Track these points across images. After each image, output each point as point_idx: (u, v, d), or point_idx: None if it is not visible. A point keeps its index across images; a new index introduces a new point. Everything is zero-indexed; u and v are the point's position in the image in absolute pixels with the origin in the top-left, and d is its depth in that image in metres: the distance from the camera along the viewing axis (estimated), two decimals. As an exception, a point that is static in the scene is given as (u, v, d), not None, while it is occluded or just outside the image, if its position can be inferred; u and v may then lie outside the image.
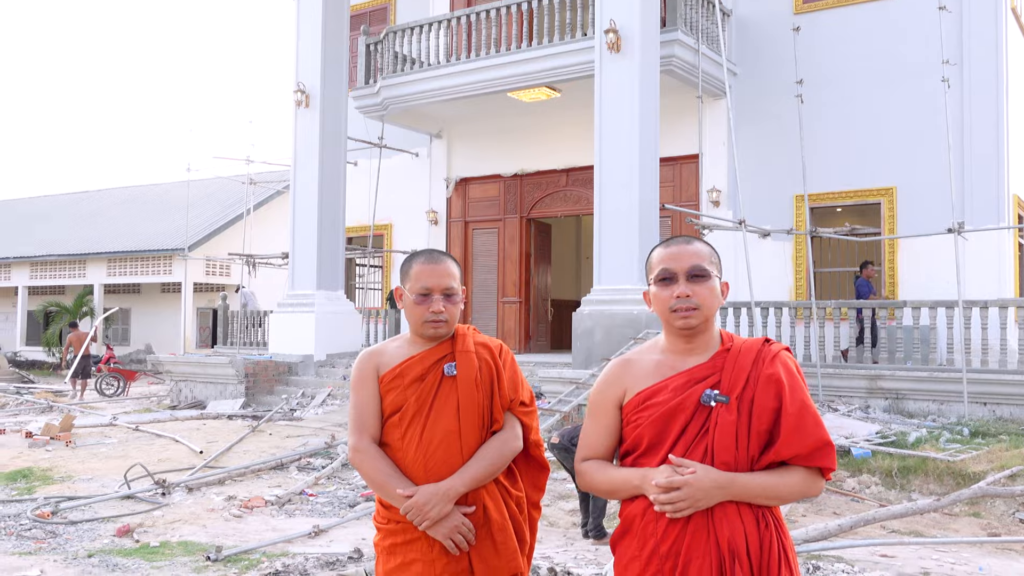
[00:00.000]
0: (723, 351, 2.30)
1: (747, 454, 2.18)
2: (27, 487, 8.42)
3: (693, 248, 2.33)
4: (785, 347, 2.33)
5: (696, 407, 2.22)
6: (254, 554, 5.97)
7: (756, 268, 12.90)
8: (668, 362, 2.33)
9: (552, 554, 6.15)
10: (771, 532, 2.17)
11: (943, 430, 9.75)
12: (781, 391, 2.20)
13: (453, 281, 2.74)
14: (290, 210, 15.72)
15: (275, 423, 12.21)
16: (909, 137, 13.19)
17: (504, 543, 2.64)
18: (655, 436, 2.25)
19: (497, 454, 2.68)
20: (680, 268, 2.29)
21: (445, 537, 2.58)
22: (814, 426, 2.18)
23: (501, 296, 17.32)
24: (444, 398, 2.69)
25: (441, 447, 2.65)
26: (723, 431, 2.18)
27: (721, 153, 14.38)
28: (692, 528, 2.16)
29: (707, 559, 2.14)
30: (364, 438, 2.70)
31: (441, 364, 2.72)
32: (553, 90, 14.85)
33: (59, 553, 6.11)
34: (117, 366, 20.48)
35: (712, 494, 2.14)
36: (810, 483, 2.21)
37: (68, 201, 36.68)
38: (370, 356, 2.78)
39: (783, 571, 2.14)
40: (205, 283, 28.04)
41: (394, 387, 2.70)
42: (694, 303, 2.26)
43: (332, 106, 15.46)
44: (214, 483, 8.57)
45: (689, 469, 2.15)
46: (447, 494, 2.58)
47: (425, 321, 2.70)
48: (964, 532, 7.16)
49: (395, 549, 2.67)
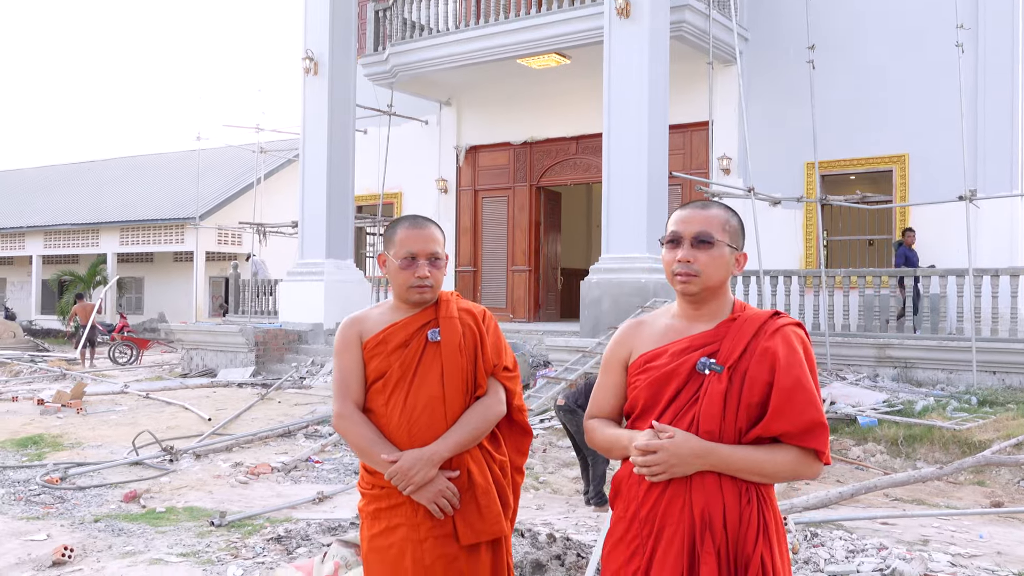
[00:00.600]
0: (729, 320, 2.27)
1: (734, 426, 2.15)
2: (37, 453, 8.51)
3: (706, 213, 2.28)
4: (795, 322, 2.27)
5: (690, 374, 2.21)
6: (258, 519, 6.03)
7: (766, 236, 12.82)
8: (676, 327, 2.32)
9: (553, 520, 6.18)
10: (752, 507, 2.13)
11: (951, 399, 9.71)
12: (775, 364, 2.15)
13: (438, 246, 2.74)
14: (299, 178, 15.71)
15: (284, 391, 12.28)
16: (922, 104, 13.02)
17: (488, 507, 2.66)
18: (649, 399, 2.25)
19: (481, 419, 2.70)
20: (687, 232, 2.26)
21: (429, 501, 2.59)
22: (806, 404, 2.12)
23: (511, 265, 17.30)
24: (428, 364, 2.70)
25: (425, 413, 2.66)
26: (711, 400, 2.16)
27: (732, 120, 14.24)
28: (669, 495, 2.16)
29: (680, 526, 2.13)
30: (348, 404, 2.71)
31: (425, 330, 2.73)
32: (563, 57, 14.71)
33: (66, 518, 6.19)
34: (131, 334, 20.65)
35: (689, 462, 2.12)
36: (803, 464, 2.15)
37: (79, 170, 36.78)
38: (353, 322, 2.79)
39: (759, 547, 2.10)
40: (217, 252, 28.14)
41: (377, 353, 2.71)
42: (694, 269, 2.23)
43: (341, 73, 15.38)
44: (221, 450, 8.65)
45: (668, 434, 2.14)
46: (431, 459, 2.60)
47: (410, 287, 2.70)
48: (968, 500, 7.15)
49: (379, 514, 2.68)
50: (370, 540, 2.69)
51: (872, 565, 4.63)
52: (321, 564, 4.56)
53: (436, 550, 2.60)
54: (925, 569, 4.59)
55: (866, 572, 4.55)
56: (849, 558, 4.79)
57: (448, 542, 2.62)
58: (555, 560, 4.83)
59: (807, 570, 4.67)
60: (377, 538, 2.67)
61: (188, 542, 5.46)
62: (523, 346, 12.18)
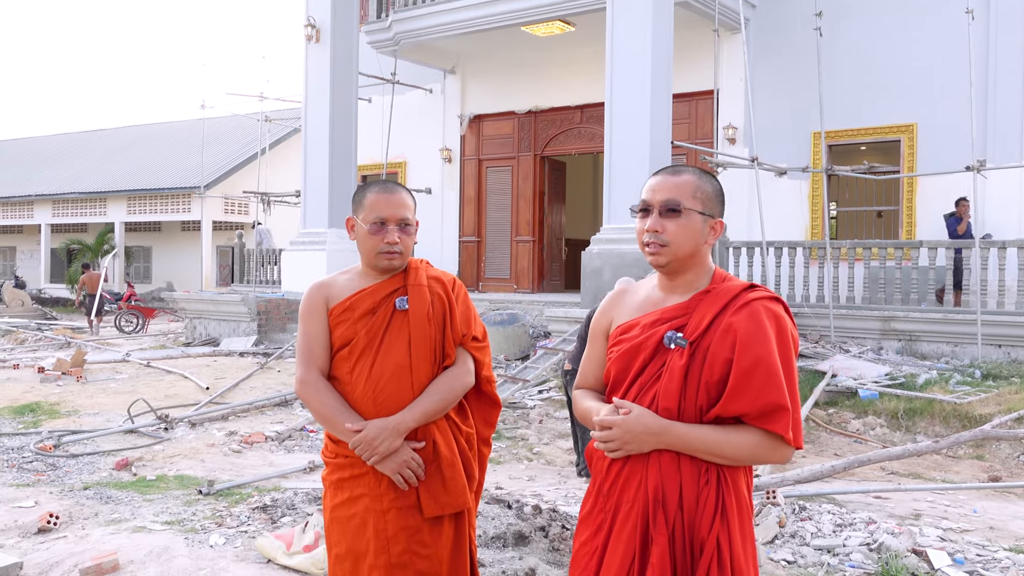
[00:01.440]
0: (703, 292, 2.15)
1: (695, 404, 2.06)
2: (33, 421, 8.53)
3: (676, 180, 2.16)
4: (771, 296, 2.14)
5: (657, 347, 2.12)
6: (246, 488, 6.01)
7: (771, 207, 12.68)
8: (654, 298, 2.23)
9: (543, 491, 6.15)
10: (711, 488, 2.04)
11: (954, 372, 9.61)
12: (736, 341, 2.04)
13: (408, 212, 2.68)
14: (302, 147, 15.60)
15: (284, 360, 12.27)
16: (931, 72, 12.79)
17: (453, 479, 2.61)
18: (620, 372, 2.18)
19: (448, 389, 2.64)
20: (655, 200, 2.16)
21: (394, 472, 2.54)
22: (766, 385, 2.00)
23: (515, 235, 17.19)
24: (395, 332, 2.64)
25: (391, 382, 2.60)
26: (671, 376, 2.07)
27: (738, 89, 14.03)
28: (627, 471, 2.10)
29: (635, 504, 2.07)
30: (312, 371, 2.65)
31: (393, 298, 2.66)
32: (567, 24, 14.51)
33: (56, 485, 6.19)
34: (138, 303, 20.69)
35: (643, 439, 2.05)
36: (766, 448, 2.04)
37: (87, 139, 36.75)
38: (319, 288, 2.72)
39: (715, 528, 2.02)
40: (224, 221, 28.13)
41: (343, 320, 2.65)
42: (662, 240, 2.13)
43: (343, 41, 15.22)
44: (217, 419, 8.65)
45: (624, 410, 2.06)
46: (396, 428, 2.54)
47: (379, 252, 2.63)
48: (965, 475, 7.08)
49: (342, 484, 2.63)
50: (332, 510, 2.64)
51: (859, 539, 4.57)
52: (302, 533, 4.54)
53: (399, 521, 2.56)
54: (914, 544, 4.53)
55: (853, 546, 4.49)
56: (837, 532, 4.73)
57: (411, 514, 2.57)
58: (539, 531, 4.80)
59: (793, 544, 4.62)
60: (339, 508, 2.62)
61: (174, 510, 5.44)
62: (523, 317, 12.13)
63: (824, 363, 10.08)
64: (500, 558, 4.28)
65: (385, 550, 2.54)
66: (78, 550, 4.57)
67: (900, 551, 4.34)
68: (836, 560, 4.36)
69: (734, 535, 2.04)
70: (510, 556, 4.34)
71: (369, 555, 2.55)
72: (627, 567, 2.05)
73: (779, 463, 2.17)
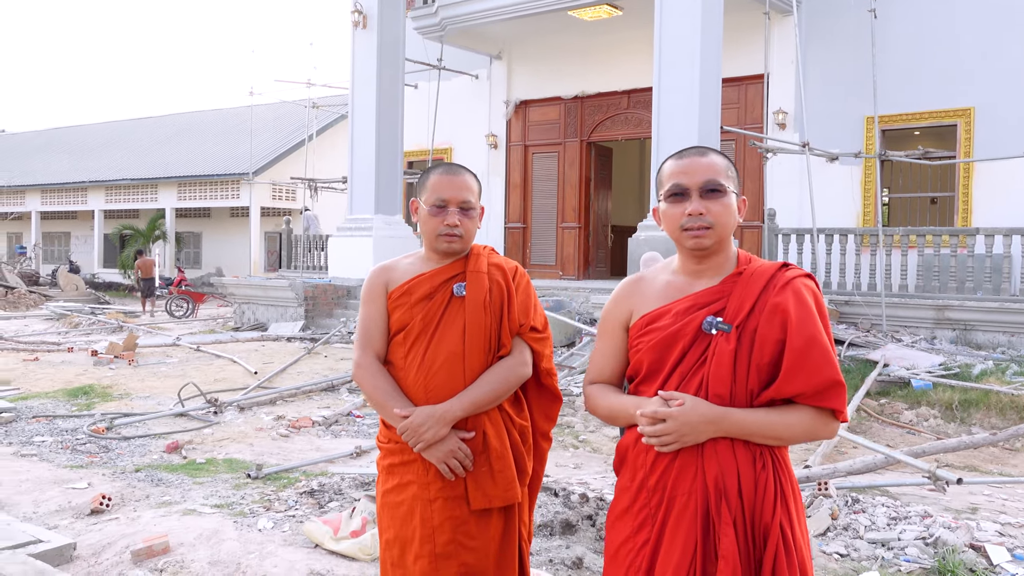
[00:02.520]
0: (735, 275, 2.11)
1: (745, 388, 2.01)
2: (87, 403, 8.68)
3: (708, 160, 2.12)
4: (806, 273, 2.11)
5: (696, 334, 2.06)
6: (294, 472, 6.05)
7: (822, 193, 12.45)
8: (678, 284, 2.17)
9: (589, 480, 6.10)
10: (768, 472, 2.00)
11: (1011, 363, 9.37)
12: (787, 321, 2.00)
13: (471, 195, 2.63)
14: (348, 133, 15.67)
15: (331, 345, 12.36)
16: (989, 54, 12.43)
17: (502, 471, 2.55)
18: (654, 362, 2.11)
19: (501, 379, 2.58)
20: (693, 183, 2.10)
21: (440, 461, 2.50)
22: (822, 363, 1.98)
23: (560, 222, 17.12)
24: (451, 319, 2.60)
25: (443, 369, 2.56)
26: (720, 361, 2.02)
27: (788, 73, 13.78)
28: (680, 463, 2.03)
29: (692, 496, 2.01)
30: (368, 354, 2.63)
31: (451, 283, 2.62)
32: (615, 8, 14.37)
33: (108, 467, 6.28)
34: (188, 288, 21.05)
35: (701, 429, 1.99)
36: (819, 425, 2.02)
37: (138, 127, 37.35)
38: (381, 271, 2.70)
39: (778, 513, 1.98)
40: (272, 207, 28.41)
41: (401, 304, 2.62)
42: (707, 221, 2.07)
43: (390, 26, 15.23)
44: (265, 403, 8.73)
45: (677, 401, 2.00)
46: (444, 417, 2.50)
47: (439, 235, 2.59)
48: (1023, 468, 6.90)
49: (393, 470, 2.61)
50: (383, 495, 2.63)
51: (914, 533, 4.46)
52: (349, 519, 4.55)
53: (445, 511, 2.52)
54: (971, 538, 4.41)
55: (908, 540, 4.38)
56: (891, 525, 4.62)
57: (458, 504, 2.53)
58: (586, 520, 4.76)
59: (846, 536, 4.52)
60: (389, 493, 2.60)
61: (223, 493, 5.49)
62: (569, 304, 12.07)
63: (876, 352, 9.89)
64: (547, 546, 4.26)
65: (430, 539, 2.51)
66: (130, 532, 4.63)
67: (957, 546, 4.23)
68: (891, 554, 4.26)
69: (793, 519, 2.02)
70: (557, 544, 4.32)
71: (415, 543, 2.52)
72: (688, 561, 1.99)
73: (829, 438, 2.14)
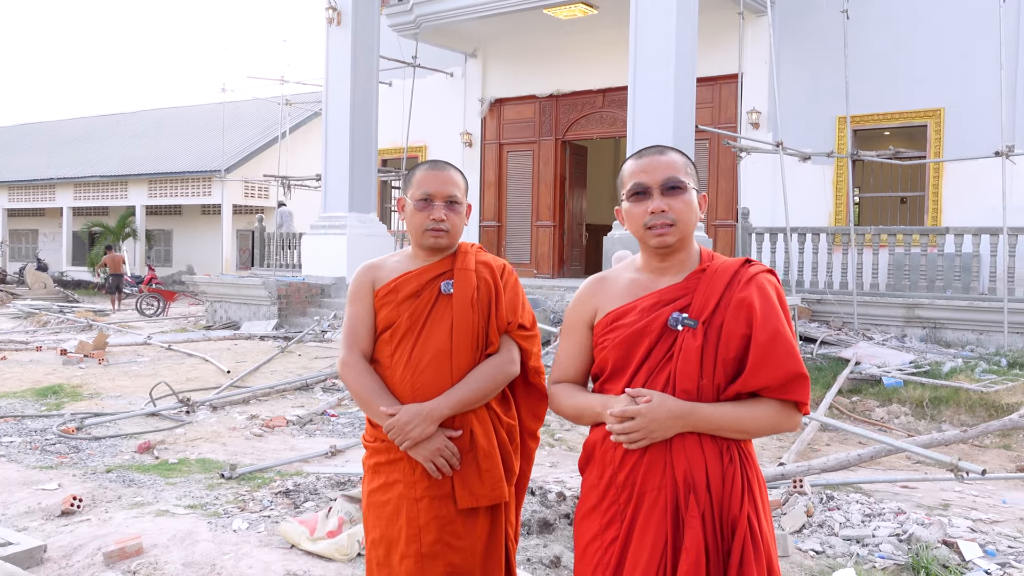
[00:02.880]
0: (698, 271, 2.14)
1: (712, 383, 2.04)
2: (56, 403, 8.56)
3: (667, 159, 2.15)
4: (767, 269, 2.15)
5: (662, 330, 2.08)
6: (268, 472, 6.00)
7: (795, 193, 12.54)
8: (641, 281, 2.19)
9: (566, 478, 6.10)
10: (735, 466, 2.04)
11: (980, 360, 9.50)
12: (752, 316, 2.03)
13: (456, 190, 2.62)
14: (322, 131, 15.58)
15: (305, 344, 12.28)
16: (959, 56, 12.58)
17: (489, 470, 2.54)
18: (619, 360, 2.13)
19: (489, 377, 2.57)
20: (654, 181, 2.13)
21: (426, 459, 2.49)
22: (786, 356, 2.01)
23: (535, 220, 17.12)
24: (438, 317, 2.58)
25: (430, 367, 2.55)
26: (687, 357, 2.04)
27: (762, 73, 13.87)
28: (648, 459, 2.05)
29: (662, 492, 2.02)
30: (354, 353, 2.61)
31: (438, 281, 2.61)
32: (590, 7, 14.38)
33: (79, 468, 6.20)
34: (159, 286, 20.83)
35: (668, 425, 2.01)
36: (783, 417, 2.06)
37: (106, 123, 36.92)
38: (368, 269, 2.68)
39: (745, 506, 2.01)
40: (244, 205, 28.20)
41: (388, 302, 2.61)
42: (670, 218, 2.10)
43: (364, 24, 15.16)
44: (238, 402, 8.65)
45: (644, 398, 2.02)
46: (430, 415, 2.48)
47: (425, 230, 2.58)
48: (993, 464, 6.99)
49: (379, 468, 2.59)
50: (369, 495, 2.61)
51: (889, 530, 4.50)
52: (326, 519, 4.52)
53: (431, 511, 2.51)
54: (944, 534, 4.46)
55: (882, 537, 4.42)
56: (865, 522, 4.66)
57: (445, 503, 2.52)
58: (564, 519, 4.76)
59: (821, 533, 4.55)
60: (375, 493, 2.58)
61: (197, 494, 5.44)
62: (544, 302, 12.08)
63: (847, 350, 9.99)
64: (525, 545, 4.25)
65: (416, 539, 2.49)
66: (101, 533, 4.57)
67: (931, 542, 4.27)
68: (865, 551, 4.30)
69: (760, 510, 2.05)
70: (535, 543, 4.31)
71: (401, 543, 2.51)
72: (658, 556, 2.01)
73: (793, 430, 2.17)
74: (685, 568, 1.96)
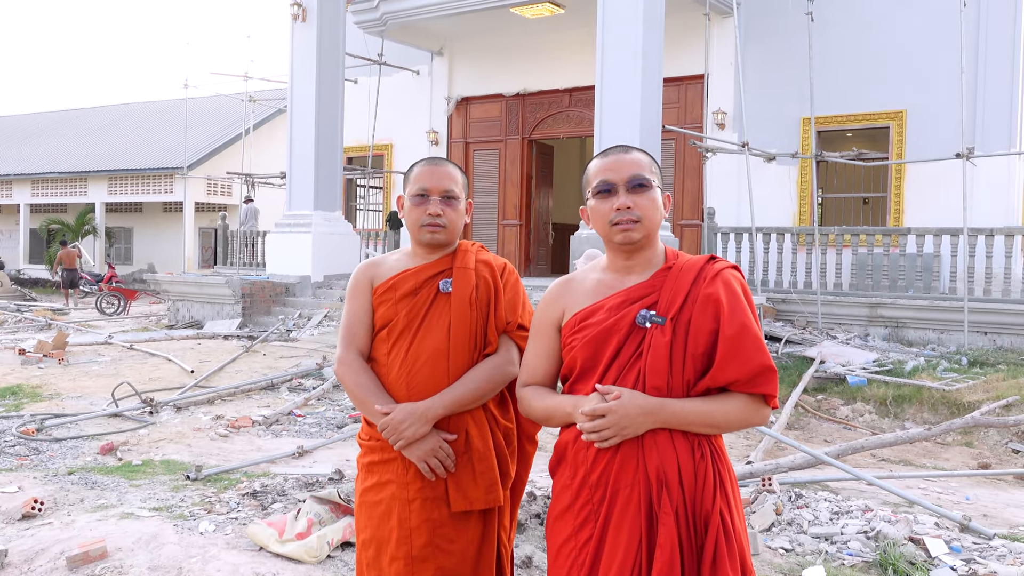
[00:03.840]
0: (664, 269, 2.16)
1: (682, 379, 2.05)
2: (15, 404, 8.39)
3: (632, 157, 2.18)
4: (732, 265, 2.18)
5: (631, 328, 2.09)
6: (235, 474, 5.92)
7: (760, 193, 12.66)
8: (608, 281, 2.20)
9: (536, 478, 6.08)
10: (707, 462, 2.05)
11: (941, 359, 9.65)
12: (719, 312, 2.05)
13: (454, 185, 2.58)
14: (287, 128, 15.44)
15: (270, 344, 12.16)
16: (921, 59, 12.77)
17: (484, 473, 2.49)
18: (588, 359, 2.13)
19: (486, 378, 2.52)
20: (619, 179, 2.15)
21: (420, 460, 2.45)
22: (754, 350, 2.03)
23: (501, 219, 17.12)
24: (436, 315, 2.55)
25: (427, 366, 2.51)
26: (656, 354, 2.05)
27: (728, 74, 13.97)
28: (621, 457, 2.05)
29: (635, 489, 2.03)
30: (350, 351, 2.58)
31: (437, 279, 2.58)
32: (557, 6, 14.40)
33: (40, 470, 6.07)
34: (119, 285, 20.49)
35: (639, 421, 2.01)
36: (752, 411, 2.08)
37: (67, 118, 36.31)
38: (368, 267, 2.66)
39: (718, 501, 2.02)
40: (207, 203, 27.87)
41: (385, 300, 2.57)
42: (635, 215, 2.12)
43: (330, 21, 15.04)
44: (203, 403, 8.54)
45: (613, 395, 2.02)
46: (425, 415, 2.44)
47: (422, 225, 2.55)
48: (955, 462, 7.10)
49: (372, 468, 2.56)
50: (362, 494, 2.57)
51: (857, 527, 4.55)
52: (295, 520, 4.47)
53: (423, 513, 2.47)
54: (910, 531, 4.51)
55: (850, 534, 4.47)
56: (833, 520, 4.71)
57: (437, 506, 2.48)
58: (534, 519, 4.76)
59: (790, 531, 4.59)
60: (368, 492, 2.55)
61: (162, 496, 5.35)
62: (512, 301, 12.06)
63: (812, 349, 10.09)
64: (496, 546, 4.23)
65: (407, 541, 2.46)
66: (64, 537, 4.48)
67: (897, 539, 4.32)
68: (834, 548, 4.34)
69: (732, 505, 2.07)
70: (506, 544, 4.29)
71: (391, 544, 2.47)
72: (633, 553, 2.01)
73: (762, 423, 2.19)
74: (660, 565, 1.97)
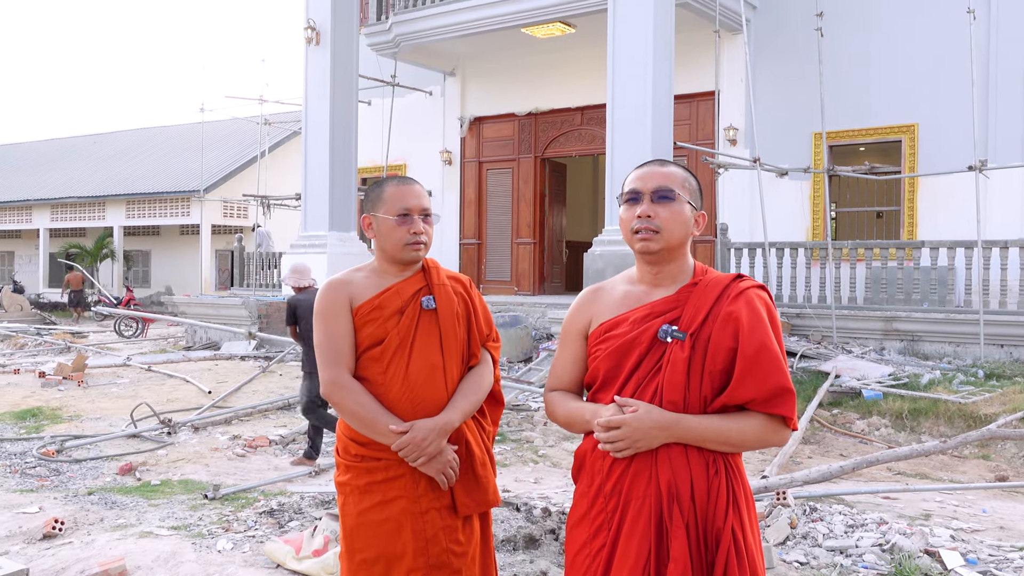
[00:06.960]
0: (690, 285, 2.18)
1: (699, 395, 2.07)
2: (35, 426, 8.49)
3: (665, 170, 2.20)
4: (759, 284, 2.19)
5: (652, 342, 2.12)
6: (252, 493, 5.98)
7: (773, 208, 12.66)
8: (635, 293, 2.23)
9: (550, 494, 6.11)
10: (721, 478, 2.06)
11: (958, 372, 9.60)
12: (739, 330, 2.07)
13: (428, 203, 2.68)
14: (302, 150, 15.57)
15: (286, 364, 12.24)
16: (932, 72, 12.77)
17: (486, 477, 2.64)
18: (610, 370, 2.17)
19: (482, 388, 2.66)
20: (646, 188, 2.18)
21: (438, 472, 2.52)
22: (772, 370, 2.04)
23: (515, 237, 17.17)
24: (425, 332, 2.62)
25: (428, 382, 2.58)
26: (674, 369, 2.07)
27: (739, 90, 14.02)
28: (635, 469, 2.08)
29: (646, 501, 2.05)
30: (343, 372, 2.57)
31: (418, 297, 2.64)
32: (568, 25, 14.49)
33: (60, 491, 6.15)
34: (136, 308, 20.67)
35: (653, 435, 2.04)
36: (769, 431, 2.08)
37: (85, 144, 36.72)
38: (340, 286, 2.64)
39: (730, 518, 2.03)
40: (223, 225, 28.09)
41: (372, 319, 2.59)
42: (655, 225, 2.14)
43: (343, 43, 15.18)
44: (220, 423, 8.61)
45: (631, 408, 2.05)
46: (444, 429, 2.53)
47: (407, 243, 2.60)
48: (972, 475, 7.06)
49: (373, 488, 2.56)
50: (360, 514, 2.56)
51: (871, 540, 4.54)
52: (311, 537, 4.51)
53: (438, 522, 2.55)
54: (926, 544, 4.50)
55: (865, 547, 4.46)
56: (848, 533, 4.70)
57: (448, 513, 2.57)
58: (549, 534, 4.77)
59: (805, 545, 4.59)
60: (370, 512, 2.55)
61: (180, 515, 5.40)
62: (526, 319, 12.10)
63: (827, 364, 10.07)
64: (511, 561, 4.26)
65: (424, 551, 2.53)
66: (84, 556, 4.54)
67: (913, 551, 4.32)
68: (849, 561, 4.34)
69: (745, 523, 2.07)
70: (521, 559, 4.32)
71: (407, 557, 2.52)
72: (642, 565, 2.03)
73: (780, 446, 2.20)
74: None
